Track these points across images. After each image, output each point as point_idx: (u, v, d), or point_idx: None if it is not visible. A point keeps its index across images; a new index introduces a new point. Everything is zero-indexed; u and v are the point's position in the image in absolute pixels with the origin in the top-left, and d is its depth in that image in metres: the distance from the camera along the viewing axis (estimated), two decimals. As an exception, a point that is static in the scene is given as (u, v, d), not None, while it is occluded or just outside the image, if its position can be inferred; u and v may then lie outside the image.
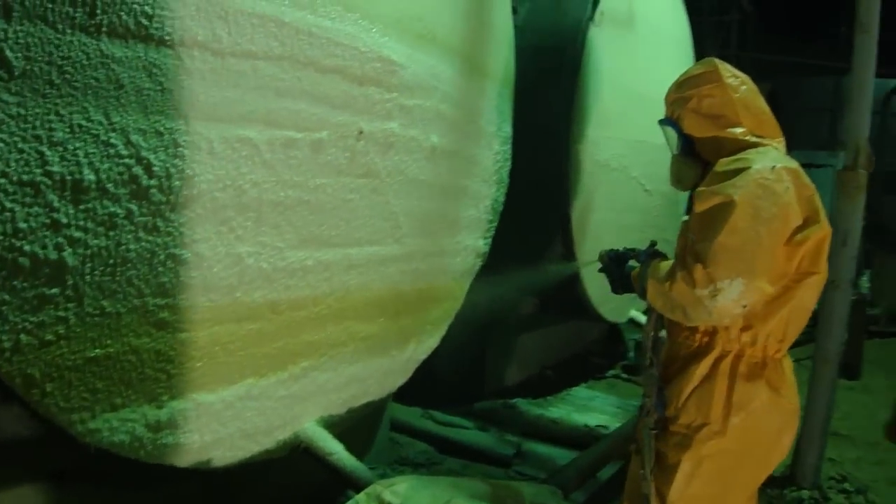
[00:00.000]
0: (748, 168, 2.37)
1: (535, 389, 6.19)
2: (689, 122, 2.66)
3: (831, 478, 4.82)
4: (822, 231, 2.46)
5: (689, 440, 2.54)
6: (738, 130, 2.56)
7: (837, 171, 4.88)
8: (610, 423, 5.47)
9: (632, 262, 2.92)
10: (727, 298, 2.30)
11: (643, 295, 2.66)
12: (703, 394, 2.53)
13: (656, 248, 2.84)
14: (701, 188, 2.47)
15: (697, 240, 2.38)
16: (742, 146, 2.54)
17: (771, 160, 2.41)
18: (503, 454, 4.85)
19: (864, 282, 9.02)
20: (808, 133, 14.79)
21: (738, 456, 2.54)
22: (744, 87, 2.62)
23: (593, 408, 5.97)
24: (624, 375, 6.97)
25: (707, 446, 2.52)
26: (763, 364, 2.53)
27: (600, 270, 3.07)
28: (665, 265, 2.56)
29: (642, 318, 6.37)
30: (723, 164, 2.46)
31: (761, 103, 2.64)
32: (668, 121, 2.77)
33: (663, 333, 2.72)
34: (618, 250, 3.01)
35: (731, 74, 2.62)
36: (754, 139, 2.56)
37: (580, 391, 6.41)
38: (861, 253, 5.39)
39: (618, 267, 2.96)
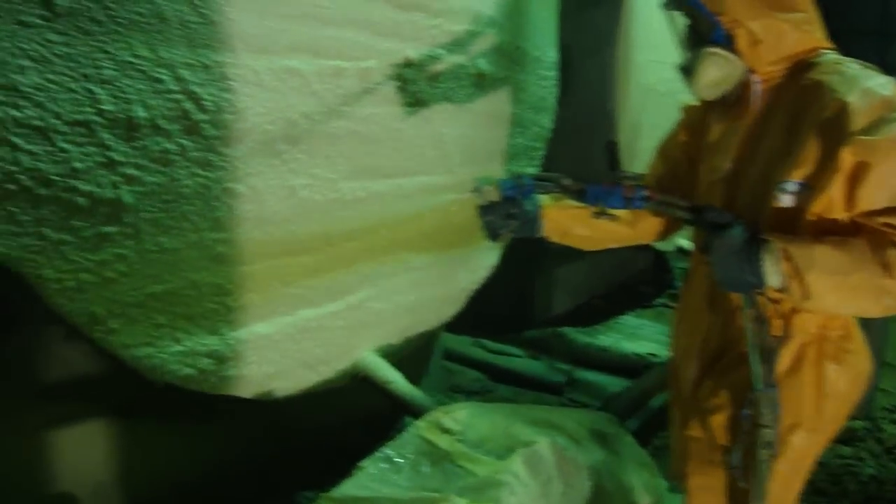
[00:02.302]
0: None
1: (583, 318, 6.18)
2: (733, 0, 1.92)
3: (884, 408, 4.76)
4: None
5: (783, 445, 2.07)
6: (800, 17, 1.93)
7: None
8: (659, 352, 5.45)
9: (535, 198, 2.28)
10: None
11: (737, 284, 1.89)
12: (790, 389, 2.05)
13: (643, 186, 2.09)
14: (862, 137, 1.75)
15: None
16: (810, 48, 1.96)
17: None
18: (555, 382, 4.86)
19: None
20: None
21: (829, 434, 2.16)
22: None
23: (642, 336, 5.96)
24: (671, 304, 6.90)
25: (803, 447, 2.11)
26: (847, 335, 2.09)
27: (481, 214, 2.29)
28: (824, 247, 1.79)
29: (690, 246, 6.30)
30: (851, 90, 1.80)
31: None
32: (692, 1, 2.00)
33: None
34: (518, 180, 2.21)
35: None
36: (822, 38, 1.98)
37: (628, 319, 6.38)
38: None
39: (516, 204, 2.23)
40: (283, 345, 2.76)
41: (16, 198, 1.94)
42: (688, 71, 2.12)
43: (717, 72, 2.01)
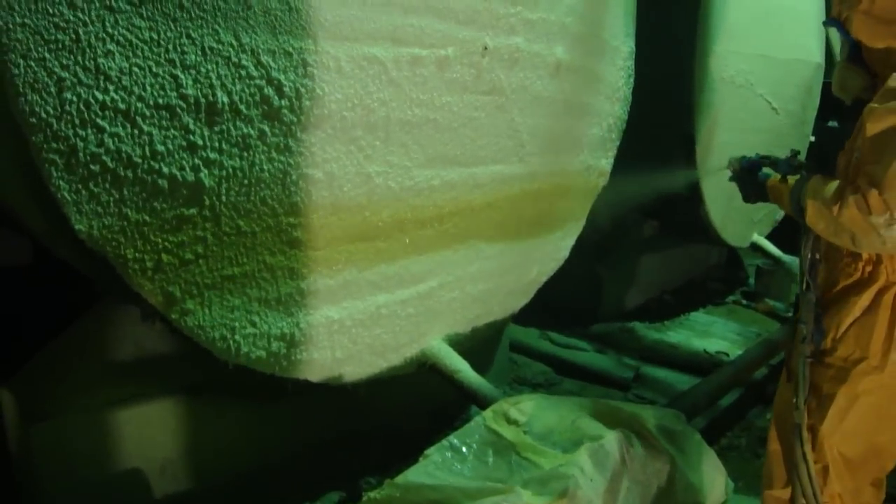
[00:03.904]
0: None
1: (652, 313, 6.11)
2: (859, 26, 2.34)
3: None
4: None
5: (846, 374, 2.39)
6: None
7: None
8: (730, 350, 5.36)
9: (766, 170, 2.73)
10: None
11: (799, 214, 2.40)
12: (864, 327, 2.36)
13: (798, 157, 2.64)
14: (874, 104, 2.19)
15: (869, 161, 2.15)
16: None
17: None
18: (622, 377, 4.81)
19: None
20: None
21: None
22: None
23: (713, 333, 5.86)
24: (744, 302, 6.77)
25: (864, 381, 2.37)
26: None
27: (731, 179, 2.90)
28: (831, 185, 2.27)
29: (765, 244, 6.17)
30: None
31: None
32: (834, 22, 2.45)
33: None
34: (750, 157, 2.82)
35: None
36: None
37: (699, 316, 6.28)
38: None
39: (750, 174, 2.77)
40: (353, 330, 2.78)
41: (99, 179, 1.98)
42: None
43: (843, 81, 2.49)
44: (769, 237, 6.27)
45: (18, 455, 2.63)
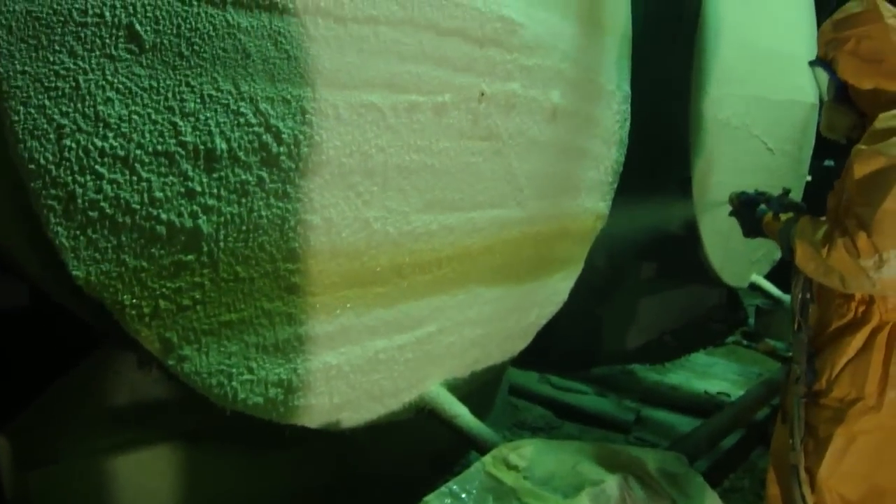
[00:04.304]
0: None
1: (653, 355, 6.09)
2: (845, 67, 2.41)
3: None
4: None
5: (843, 414, 2.41)
6: None
7: None
8: (731, 391, 5.35)
9: (762, 207, 2.78)
10: (894, 270, 2.11)
11: (788, 254, 2.45)
12: (859, 367, 2.38)
13: (790, 196, 2.71)
14: (861, 146, 2.23)
15: (857, 203, 2.18)
16: None
17: None
18: (623, 420, 4.79)
19: None
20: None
21: (894, 432, 2.40)
22: None
23: (713, 374, 5.85)
24: (744, 342, 6.76)
25: (861, 422, 2.39)
26: None
27: (731, 214, 2.96)
28: (817, 226, 2.33)
29: (764, 283, 6.17)
30: (885, 120, 2.23)
31: None
32: (821, 62, 2.51)
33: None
34: (748, 193, 2.89)
35: (893, 14, 2.36)
36: None
37: (699, 357, 6.27)
38: None
39: (748, 210, 2.83)
40: (351, 376, 2.76)
41: (98, 225, 1.98)
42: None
43: (831, 121, 2.55)
44: (768, 277, 6.28)
45: (15, 502, 2.60)
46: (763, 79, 5.54)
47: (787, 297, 6.08)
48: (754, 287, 6.23)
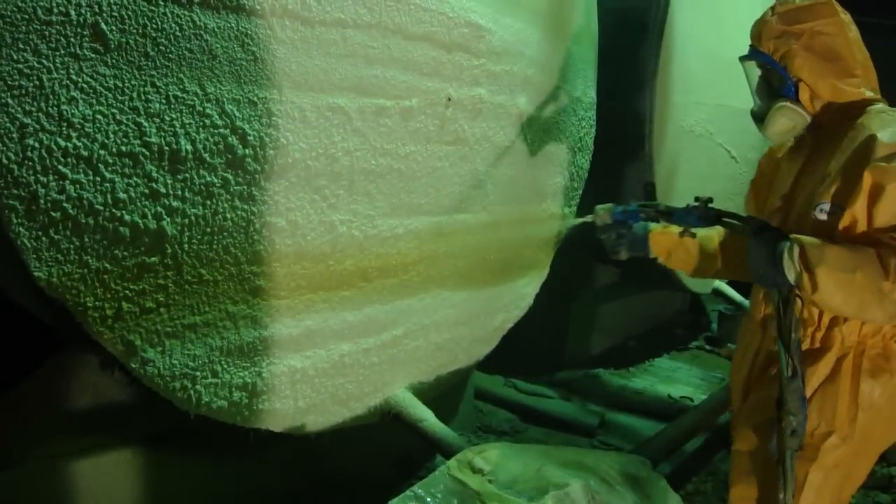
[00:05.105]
0: None
1: (617, 360, 6.14)
2: (801, 63, 2.25)
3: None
4: None
5: (815, 451, 2.28)
6: (855, 80, 2.24)
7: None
8: (694, 395, 5.41)
9: (644, 223, 2.65)
10: None
11: (782, 284, 2.14)
12: (826, 398, 2.28)
13: (713, 206, 2.40)
14: (882, 163, 2.04)
15: None
16: (862, 103, 2.26)
17: None
18: (587, 423, 4.82)
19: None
20: None
21: (864, 453, 2.33)
22: (854, 26, 2.29)
23: (677, 379, 5.91)
24: (707, 347, 6.84)
25: (835, 455, 2.28)
26: (886, 355, 2.27)
27: (597, 234, 2.77)
28: (859, 254, 2.02)
29: (727, 289, 6.23)
30: (882, 129, 2.10)
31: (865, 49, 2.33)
32: (765, 57, 2.35)
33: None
34: (626, 207, 2.67)
35: (843, 10, 2.28)
36: (871, 93, 2.27)
37: (663, 362, 6.34)
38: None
39: (624, 226, 2.69)
40: (316, 380, 2.75)
41: (60, 226, 1.96)
42: (760, 118, 2.47)
43: (787, 122, 2.35)
44: (730, 283, 6.35)
45: (-27, 506, 2.57)
46: (728, 87, 5.61)
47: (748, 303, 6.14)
48: (717, 293, 6.30)
